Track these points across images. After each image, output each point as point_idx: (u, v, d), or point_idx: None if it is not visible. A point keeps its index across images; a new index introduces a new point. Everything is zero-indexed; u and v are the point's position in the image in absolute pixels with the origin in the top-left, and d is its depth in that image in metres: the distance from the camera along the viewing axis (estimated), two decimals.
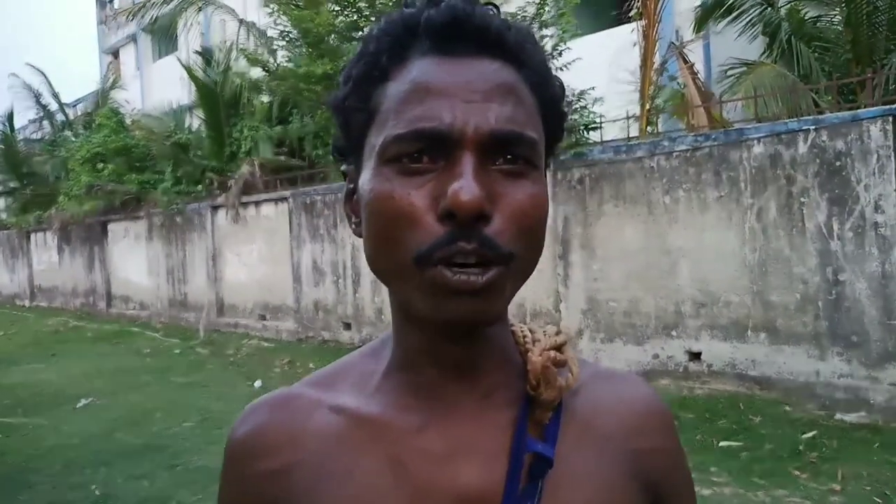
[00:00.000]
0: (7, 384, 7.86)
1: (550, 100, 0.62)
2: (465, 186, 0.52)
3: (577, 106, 6.71)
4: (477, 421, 0.62)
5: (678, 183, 5.69)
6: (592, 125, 6.64)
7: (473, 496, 0.59)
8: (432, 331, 0.60)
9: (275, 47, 10.30)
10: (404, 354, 0.64)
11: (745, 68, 8.00)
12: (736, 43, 8.28)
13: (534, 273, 0.60)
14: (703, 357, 5.56)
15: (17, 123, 19.94)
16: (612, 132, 7.07)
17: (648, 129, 7.24)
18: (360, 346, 0.72)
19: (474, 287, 0.54)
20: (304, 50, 9.38)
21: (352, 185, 0.64)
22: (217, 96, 11.18)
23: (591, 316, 6.23)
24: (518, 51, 0.59)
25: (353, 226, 0.63)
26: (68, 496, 4.28)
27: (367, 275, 8.20)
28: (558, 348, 0.65)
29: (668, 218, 5.75)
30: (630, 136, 6.73)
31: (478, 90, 0.55)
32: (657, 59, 8.02)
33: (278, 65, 10.16)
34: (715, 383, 5.46)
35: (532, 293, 6.70)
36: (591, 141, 6.79)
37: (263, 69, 10.23)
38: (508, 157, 0.56)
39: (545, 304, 6.63)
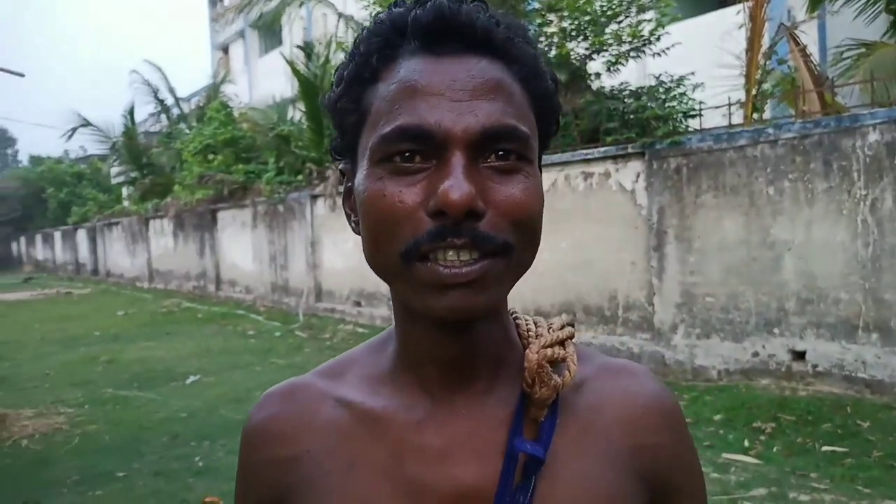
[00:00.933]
0: (125, 360, 8.48)
1: (543, 94, 0.61)
2: (454, 185, 0.53)
3: (675, 93, 6.46)
4: (474, 418, 0.63)
5: (783, 173, 5.38)
6: (691, 112, 6.38)
7: (468, 492, 0.60)
8: (429, 326, 0.60)
9: None
10: (405, 350, 0.65)
11: (863, 49, 7.44)
12: (854, 23, 7.71)
13: (625, 265, 0.58)
14: (807, 357, 5.26)
15: (138, 117, 21.36)
16: (714, 120, 6.77)
17: (754, 116, 6.88)
18: None
19: (466, 279, 0.54)
20: None
21: (350, 184, 0.65)
22: (317, 89, 11.54)
23: (686, 310, 6.01)
24: (507, 47, 0.58)
25: (353, 224, 0.65)
26: (173, 465, 4.58)
27: None
28: (561, 343, 0.64)
29: (771, 210, 5.45)
30: (733, 123, 6.42)
31: (465, 88, 0.56)
32: (765, 42, 7.60)
33: None
34: (819, 385, 5.15)
35: (625, 285, 6.54)
36: (689, 129, 6.54)
37: None
38: (500, 153, 0.56)
39: (638, 296, 6.46)
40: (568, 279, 7.06)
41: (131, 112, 20.59)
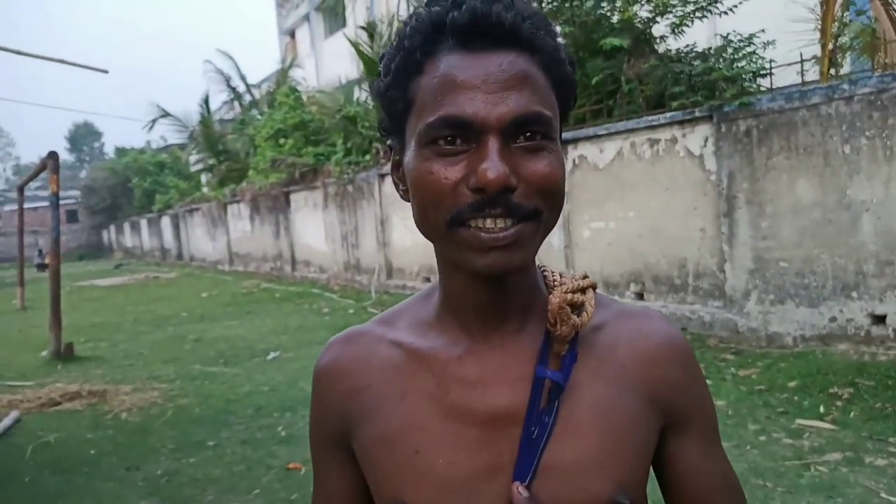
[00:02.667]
0: (211, 338, 8.96)
1: (562, 79, 0.71)
2: (491, 166, 0.63)
3: (745, 52, 6.25)
4: (507, 353, 0.73)
5: (860, 130, 5.16)
6: (761, 72, 6.16)
7: (502, 414, 0.71)
8: (469, 278, 0.71)
9: None
10: (448, 299, 0.76)
11: None
12: None
13: (695, 232, 0.63)
14: (887, 320, 5.07)
15: (212, 106, 22.13)
16: (787, 78, 6.51)
17: (831, 72, 6.58)
18: None
19: (504, 242, 0.65)
20: None
21: (397, 158, 0.75)
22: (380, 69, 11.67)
23: (760, 276, 5.88)
24: (531, 39, 0.67)
25: (402, 192, 0.76)
26: (258, 435, 4.87)
27: None
28: (582, 290, 0.73)
29: (847, 169, 5.25)
30: (807, 81, 6.17)
31: (497, 81, 0.65)
32: None
33: None
34: None
35: (695, 253, 6.44)
36: (759, 89, 6.32)
37: None
38: (527, 134, 0.66)
39: (708, 263, 6.35)
40: (636, 248, 7.00)
41: (206, 101, 21.35)
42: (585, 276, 0.76)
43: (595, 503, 0.69)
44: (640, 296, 7.04)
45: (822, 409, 4.47)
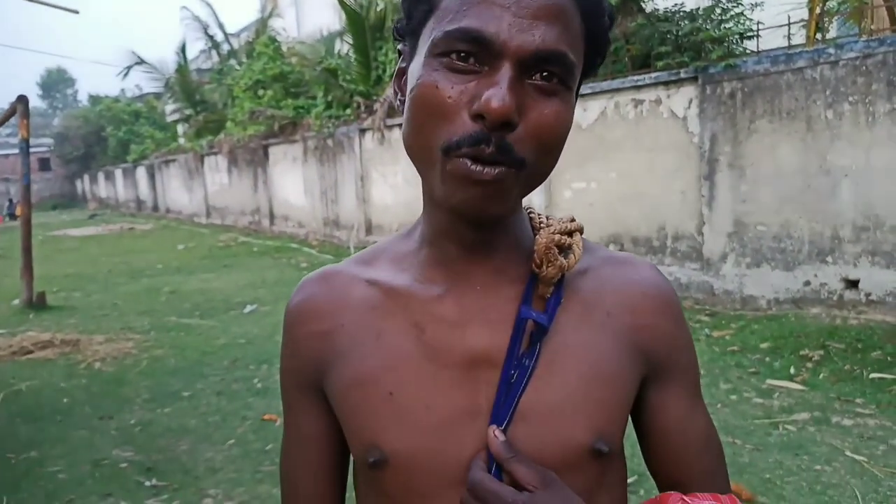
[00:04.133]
0: (187, 290, 8.89)
1: (598, 29, 0.66)
2: (497, 95, 0.58)
3: (733, 13, 6.18)
4: (488, 293, 0.70)
5: (843, 95, 5.16)
6: (748, 33, 6.11)
7: (481, 356, 0.68)
8: (450, 214, 0.67)
9: None
10: (430, 233, 0.72)
11: None
12: None
13: (675, 195, 0.60)
14: (860, 285, 5.15)
15: (189, 54, 21.56)
16: (775, 41, 6.47)
17: (818, 36, 6.54)
18: None
19: (484, 179, 0.60)
20: None
21: (404, 65, 0.70)
22: (363, 21, 11.42)
23: (737, 239, 5.92)
24: None
25: (398, 102, 0.70)
26: (233, 387, 4.86)
27: None
28: (569, 233, 0.70)
29: (829, 134, 5.26)
30: (793, 44, 6.13)
31: (530, 7, 0.59)
32: None
33: None
34: (872, 313, 5.06)
35: (674, 215, 6.46)
36: (746, 51, 6.28)
37: None
38: (545, 73, 0.61)
39: (687, 226, 6.38)
40: (617, 210, 7.00)
41: (183, 49, 20.79)
42: (573, 219, 0.72)
43: (574, 449, 0.68)
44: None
45: (792, 371, 4.56)
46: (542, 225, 0.72)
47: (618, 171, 6.94)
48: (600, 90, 6.94)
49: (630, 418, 0.76)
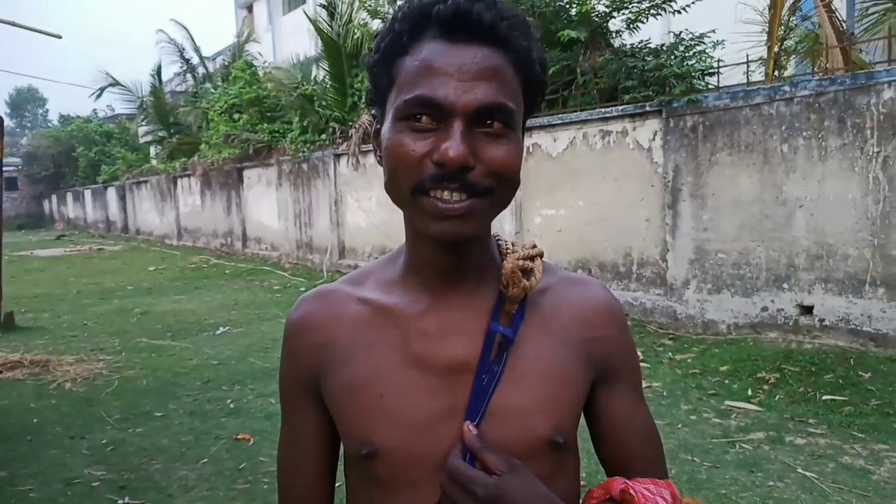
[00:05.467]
0: (158, 312, 8.86)
1: (531, 77, 0.79)
2: (452, 146, 0.72)
3: (695, 50, 6.47)
4: (464, 310, 0.84)
5: (798, 130, 5.44)
6: (709, 70, 6.40)
7: (458, 363, 0.82)
8: (430, 243, 0.80)
9: None
10: (413, 260, 0.86)
11: (890, 5, 7.33)
12: None
13: (640, 222, 0.69)
14: (814, 311, 5.39)
15: (164, 77, 21.53)
16: (735, 78, 6.77)
17: (776, 73, 6.86)
18: None
19: (456, 213, 0.74)
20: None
21: (378, 126, 0.84)
22: (340, 48, 11.61)
23: (699, 266, 6.15)
24: (506, 38, 0.76)
25: (378, 157, 0.84)
26: (206, 407, 4.90)
27: None
28: (530, 258, 0.84)
29: (785, 167, 5.53)
30: (752, 81, 6.43)
31: (470, 71, 0.73)
32: None
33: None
34: (826, 338, 5.29)
35: (639, 242, 6.68)
36: (708, 87, 6.56)
37: (382, 21, 10.49)
38: (490, 122, 0.75)
39: (652, 253, 6.60)
40: (585, 236, 7.21)
41: (158, 71, 20.74)
42: (534, 246, 0.86)
43: (535, 441, 0.81)
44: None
45: (749, 392, 4.75)
46: (508, 251, 0.85)
47: (585, 198, 7.15)
48: (570, 121, 7.18)
49: (583, 415, 0.90)
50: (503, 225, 8.06)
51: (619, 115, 6.74)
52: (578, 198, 7.23)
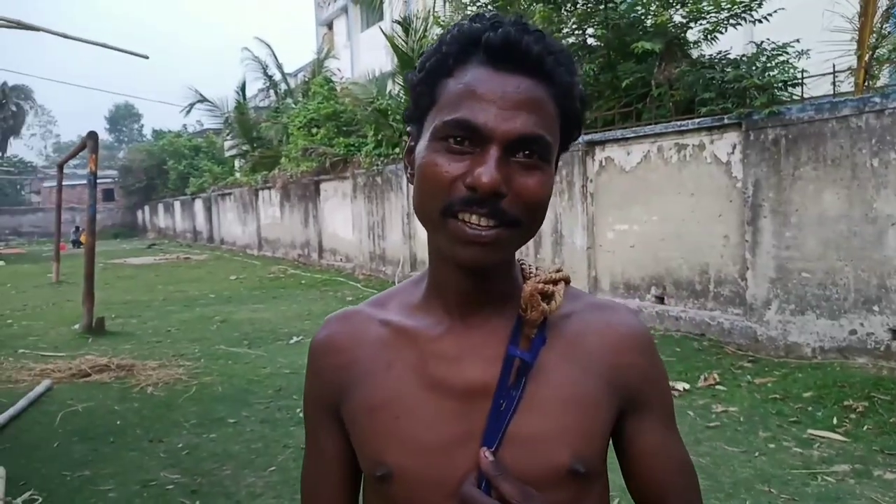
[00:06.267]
0: (236, 320, 9.17)
1: (570, 112, 0.79)
2: (487, 172, 0.72)
3: (777, 61, 6.22)
4: (483, 333, 0.82)
5: (890, 144, 5.13)
6: (793, 81, 6.13)
7: (475, 387, 0.80)
8: (453, 267, 0.80)
9: (469, 13, 10.59)
10: (435, 283, 0.85)
11: None
12: None
13: (718, 239, 0.66)
14: None
15: (248, 93, 22.42)
16: (822, 89, 6.46)
17: (868, 83, 6.51)
18: None
19: (482, 240, 0.74)
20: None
21: (413, 144, 0.83)
22: (413, 62, 11.78)
23: (781, 286, 5.87)
24: (551, 72, 0.76)
25: (408, 175, 0.84)
26: (276, 415, 5.02)
27: (548, 235, 8.34)
28: (554, 282, 0.82)
29: (875, 182, 5.22)
30: (840, 92, 6.12)
31: (512, 100, 0.73)
32: (882, 3, 7.13)
33: None
34: None
35: (717, 260, 6.44)
36: (792, 98, 6.29)
37: None
38: (526, 152, 0.74)
39: (730, 271, 6.35)
40: (659, 253, 7.01)
41: (243, 88, 21.64)
42: (559, 270, 0.84)
43: (553, 469, 0.78)
44: (660, 299, 7.06)
45: (834, 421, 4.48)
46: (530, 275, 0.84)
47: (660, 214, 6.97)
48: (643, 134, 7.02)
49: (612, 446, 0.86)
50: (574, 240, 7.95)
51: (696, 129, 6.54)
52: (652, 213, 7.05)
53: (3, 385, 5.91)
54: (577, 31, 8.43)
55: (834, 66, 5.88)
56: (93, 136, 8.48)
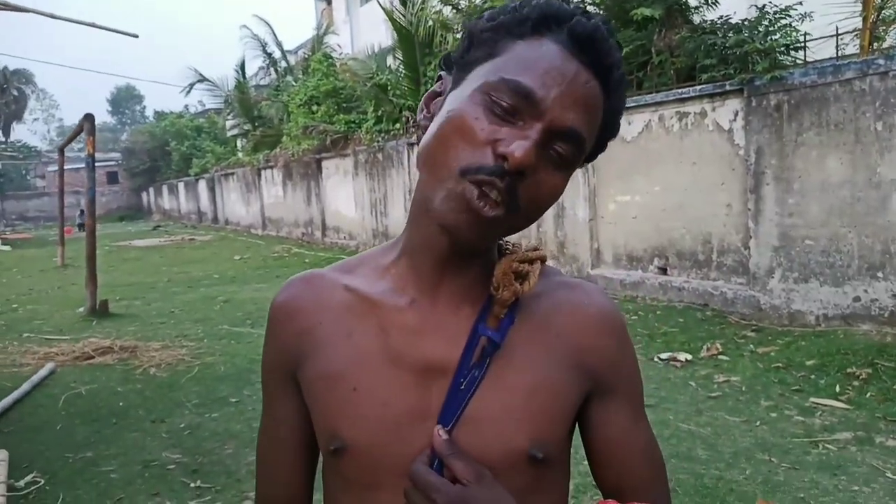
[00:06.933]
0: (240, 300, 9.19)
1: (612, 126, 0.76)
2: (524, 146, 0.67)
3: (779, 25, 6.08)
4: (450, 308, 0.78)
5: (894, 107, 5.03)
6: (795, 45, 6.00)
7: (435, 364, 0.76)
8: (435, 228, 0.74)
9: None
10: (409, 244, 0.80)
11: None
12: None
13: (720, 208, 0.62)
14: None
15: (248, 71, 22.27)
16: (826, 52, 6.33)
17: (873, 46, 6.37)
18: None
19: (483, 216, 0.68)
20: None
21: (439, 90, 0.78)
22: (413, 37, 11.64)
23: (784, 254, 5.81)
24: (616, 84, 0.73)
25: (422, 117, 0.78)
26: None
27: (551, 209, 8.26)
28: (530, 261, 0.77)
29: (879, 147, 5.13)
30: (844, 55, 5.99)
31: (576, 91, 0.69)
32: None
33: (469, 2, 10.31)
34: None
35: (720, 229, 6.38)
36: (795, 62, 6.17)
37: (454, 7, 10.44)
38: (561, 149, 0.70)
39: (733, 240, 6.29)
40: (661, 223, 6.95)
41: (242, 66, 21.50)
42: (536, 249, 0.79)
43: (510, 453, 0.75)
44: (663, 270, 7.01)
45: (837, 389, 4.46)
46: (507, 251, 0.79)
47: (662, 184, 6.89)
48: (644, 103, 6.92)
49: (578, 430, 0.83)
50: (576, 212, 7.89)
51: (698, 96, 6.43)
52: (654, 183, 6.98)
53: (8, 369, 5.94)
54: None
55: (837, 28, 5.75)
56: (89, 118, 8.42)
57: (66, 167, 15.18)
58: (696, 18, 7.39)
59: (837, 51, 5.72)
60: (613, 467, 0.82)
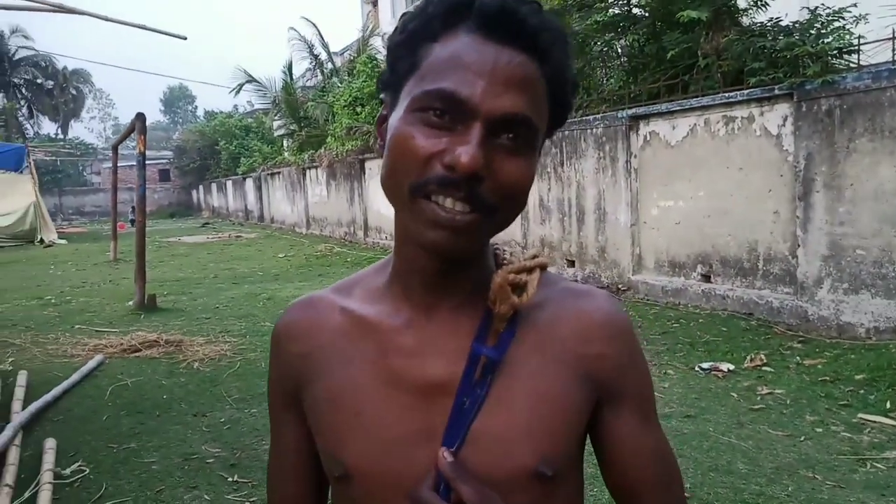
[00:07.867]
0: (282, 297, 9.33)
1: (562, 96, 0.73)
2: (468, 151, 0.64)
3: (832, 28, 5.90)
4: (448, 326, 0.77)
5: None
6: (849, 48, 5.81)
7: (436, 384, 0.75)
8: (419, 250, 0.73)
9: None
10: (399, 265, 0.79)
11: None
12: None
13: (767, 215, 0.61)
14: None
15: (295, 73, 22.60)
16: (880, 56, 6.12)
17: None
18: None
19: (455, 225, 0.67)
20: None
21: (385, 113, 0.77)
22: None
23: (834, 263, 5.63)
24: (545, 49, 0.69)
25: (379, 146, 0.77)
26: None
27: (591, 212, 8.20)
28: (528, 270, 0.74)
29: None
30: None
31: (503, 75, 0.66)
32: None
33: None
34: None
35: (766, 236, 6.22)
36: (849, 66, 5.97)
37: None
38: (511, 135, 0.68)
39: (780, 248, 6.13)
40: (705, 229, 6.82)
41: (289, 68, 21.82)
42: (535, 257, 0.76)
43: (518, 472, 0.73)
44: (706, 278, 6.87)
45: (888, 405, 4.30)
46: (504, 262, 0.78)
47: (706, 189, 6.76)
48: (690, 107, 6.80)
49: (589, 440, 0.81)
50: (618, 217, 7.79)
51: (745, 100, 6.29)
52: (699, 188, 6.85)
53: (59, 359, 6.16)
54: (620, 1, 8.18)
55: (894, 31, 5.55)
56: (140, 117, 8.68)
57: (119, 164, 15.63)
58: (745, 21, 7.23)
59: (894, 54, 5.52)
60: (624, 475, 0.80)
